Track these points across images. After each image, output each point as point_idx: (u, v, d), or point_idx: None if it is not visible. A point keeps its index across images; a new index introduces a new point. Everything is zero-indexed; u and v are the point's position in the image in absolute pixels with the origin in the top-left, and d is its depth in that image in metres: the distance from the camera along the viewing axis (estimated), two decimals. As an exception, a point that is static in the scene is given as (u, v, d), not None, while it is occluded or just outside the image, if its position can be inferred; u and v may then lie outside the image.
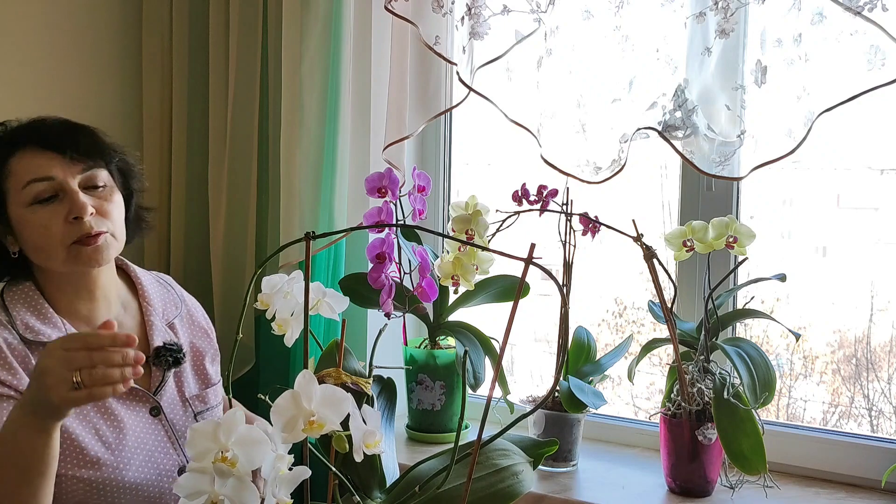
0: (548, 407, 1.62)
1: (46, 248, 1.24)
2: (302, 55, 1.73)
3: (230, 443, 0.88)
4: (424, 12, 1.64)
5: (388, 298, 1.57)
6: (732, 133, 1.46)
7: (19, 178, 1.24)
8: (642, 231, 1.50)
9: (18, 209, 1.25)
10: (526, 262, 0.88)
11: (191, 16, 1.94)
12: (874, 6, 1.28)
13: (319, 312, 1.17)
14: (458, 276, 1.58)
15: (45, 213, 1.23)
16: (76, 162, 1.25)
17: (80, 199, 1.23)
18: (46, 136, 1.26)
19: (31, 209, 1.24)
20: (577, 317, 1.70)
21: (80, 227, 1.23)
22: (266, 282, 1.12)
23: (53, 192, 1.24)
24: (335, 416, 0.90)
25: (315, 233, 0.97)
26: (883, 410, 1.74)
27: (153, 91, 1.99)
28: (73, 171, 1.25)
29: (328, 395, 0.90)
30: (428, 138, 2.00)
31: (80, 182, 1.26)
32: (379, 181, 1.65)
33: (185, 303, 1.46)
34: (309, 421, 0.88)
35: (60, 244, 1.23)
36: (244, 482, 0.88)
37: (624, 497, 1.51)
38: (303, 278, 1.02)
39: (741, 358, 1.46)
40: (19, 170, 1.25)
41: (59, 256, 1.24)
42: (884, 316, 1.72)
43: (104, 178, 1.29)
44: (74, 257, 1.24)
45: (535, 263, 0.89)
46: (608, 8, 1.54)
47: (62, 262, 1.25)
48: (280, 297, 1.10)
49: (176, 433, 1.32)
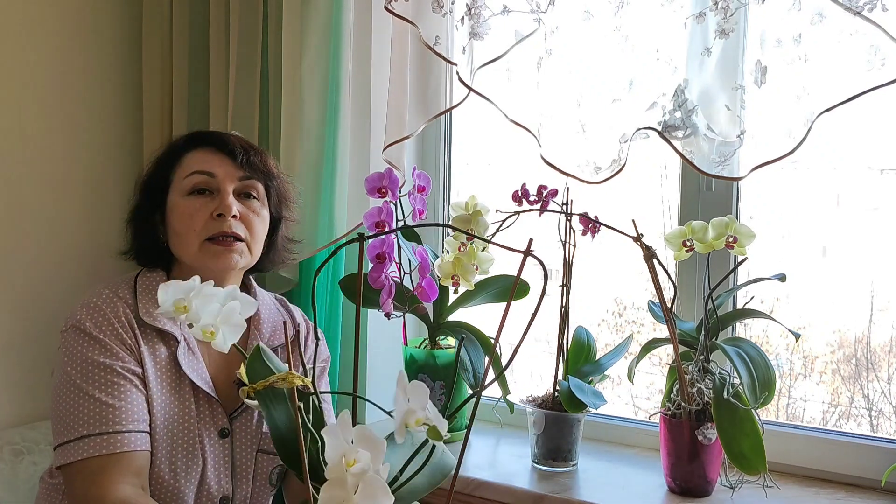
0: (548, 407, 1.62)
1: (185, 236, 1.31)
2: (302, 55, 1.73)
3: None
4: (424, 12, 1.64)
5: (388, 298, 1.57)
6: (732, 133, 1.46)
7: (186, 169, 1.34)
8: (642, 231, 1.50)
9: (176, 196, 1.34)
10: (525, 254, 0.89)
11: (191, 16, 1.94)
12: (874, 6, 1.28)
13: (211, 340, 1.00)
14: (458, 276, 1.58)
15: (196, 203, 1.32)
16: (239, 168, 1.35)
17: (228, 199, 1.32)
18: (223, 141, 1.36)
19: (185, 198, 1.33)
20: (577, 317, 1.69)
21: (219, 225, 1.30)
22: (175, 287, 0.99)
23: (209, 188, 1.33)
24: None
25: (366, 234, 0.97)
26: (883, 410, 1.74)
27: (153, 91, 1.99)
28: (233, 175, 1.34)
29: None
30: (428, 138, 2.00)
31: (237, 188, 1.35)
32: (379, 181, 1.65)
33: (299, 333, 1.45)
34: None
35: (197, 236, 1.31)
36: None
37: (624, 497, 1.51)
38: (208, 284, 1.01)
39: (741, 358, 1.46)
40: (189, 162, 1.35)
41: (192, 247, 1.31)
42: (884, 316, 1.72)
43: (259, 191, 1.38)
44: (205, 252, 1.31)
45: (533, 255, 0.89)
46: (608, 8, 1.54)
47: (194, 255, 1.32)
48: (204, 302, 0.99)
49: (234, 461, 1.33)
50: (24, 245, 1.81)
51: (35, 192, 1.83)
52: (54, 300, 1.83)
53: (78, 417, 1.21)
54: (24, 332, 1.80)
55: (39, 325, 1.80)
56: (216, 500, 1.31)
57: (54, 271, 1.86)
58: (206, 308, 0.95)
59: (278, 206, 1.43)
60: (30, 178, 1.83)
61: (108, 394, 1.23)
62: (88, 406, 1.22)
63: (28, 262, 1.82)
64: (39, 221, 1.85)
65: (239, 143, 1.38)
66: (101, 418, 1.21)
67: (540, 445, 1.64)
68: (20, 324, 1.80)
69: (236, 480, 1.33)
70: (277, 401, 0.97)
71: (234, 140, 1.38)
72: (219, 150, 1.36)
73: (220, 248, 1.31)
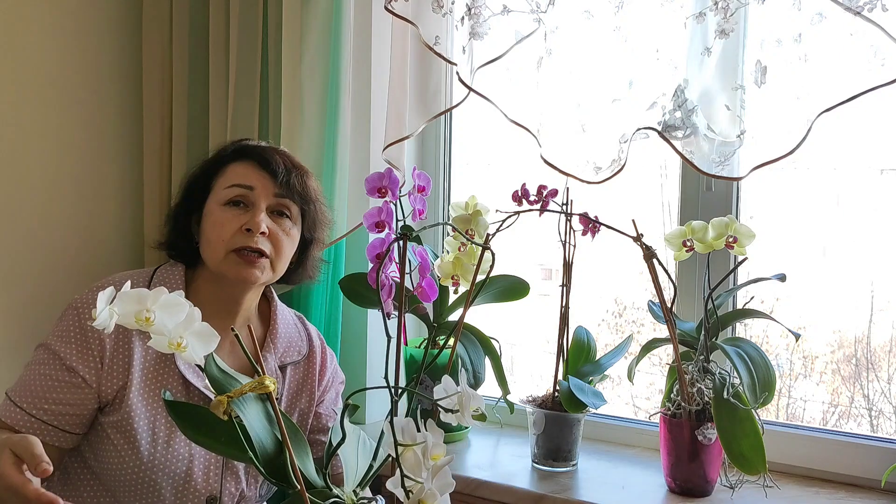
0: (548, 407, 1.62)
1: (213, 243, 1.34)
2: (302, 55, 1.73)
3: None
4: (424, 12, 1.64)
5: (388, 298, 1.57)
6: (732, 133, 1.46)
7: (227, 179, 1.38)
8: (642, 231, 1.50)
9: (213, 204, 1.37)
10: (483, 247, 0.89)
11: (191, 16, 1.94)
12: (874, 6, 1.28)
13: (181, 355, 0.91)
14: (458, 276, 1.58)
15: (229, 214, 1.35)
16: (277, 187, 1.37)
17: (260, 216, 1.34)
18: (268, 158, 1.39)
19: (222, 207, 1.36)
20: (577, 317, 1.69)
21: (247, 239, 1.33)
22: (128, 295, 0.88)
23: (245, 201, 1.36)
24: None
25: (412, 230, 0.98)
26: (883, 410, 1.74)
27: (153, 91, 1.99)
28: (270, 193, 1.37)
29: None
30: (428, 138, 2.00)
31: (271, 205, 1.37)
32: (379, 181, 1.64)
33: (314, 353, 1.48)
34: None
35: (225, 245, 1.33)
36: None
37: (624, 497, 1.51)
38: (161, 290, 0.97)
39: (741, 358, 1.46)
40: (230, 173, 1.38)
41: (218, 255, 1.34)
42: (884, 316, 1.72)
43: (293, 212, 1.40)
44: (229, 262, 1.34)
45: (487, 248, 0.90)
46: (608, 8, 1.54)
47: (218, 262, 1.34)
48: (167, 312, 0.89)
49: (226, 463, 1.35)
50: (23, 245, 1.81)
51: (35, 192, 1.83)
52: (54, 300, 1.83)
53: (25, 381, 1.30)
54: (24, 331, 1.80)
55: (39, 325, 1.80)
56: (202, 498, 1.32)
57: (54, 271, 1.86)
58: (171, 319, 0.88)
59: (312, 228, 1.45)
60: (30, 178, 1.83)
61: (52, 383, 1.29)
62: (33, 378, 1.30)
63: (28, 261, 1.82)
64: (39, 221, 1.85)
65: (283, 163, 1.40)
66: (33, 396, 1.28)
67: (540, 445, 1.64)
68: (20, 323, 1.79)
69: (225, 479, 1.34)
70: (249, 406, 0.96)
71: (280, 158, 1.40)
72: (261, 166, 1.38)
73: (244, 261, 1.34)
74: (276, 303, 1.48)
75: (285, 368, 1.43)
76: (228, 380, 0.95)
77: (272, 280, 1.40)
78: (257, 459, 0.94)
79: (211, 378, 0.93)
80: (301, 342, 1.47)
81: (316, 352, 1.49)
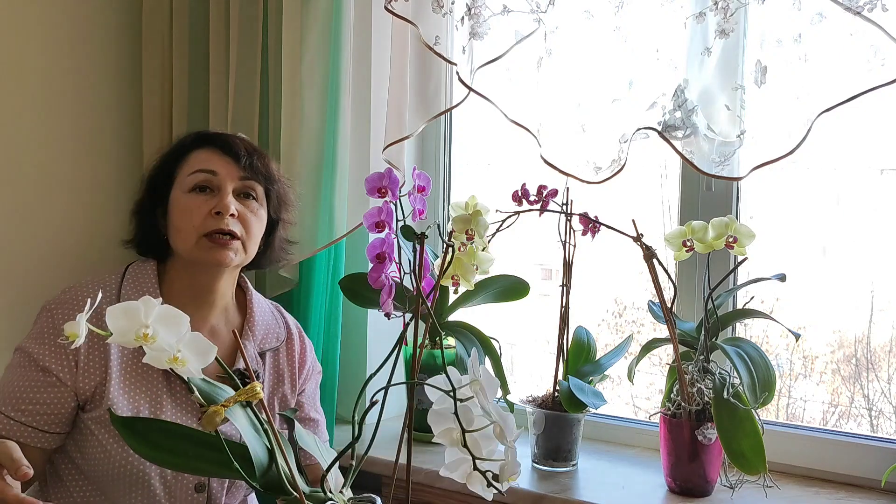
0: (548, 407, 1.62)
1: (183, 230, 1.35)
2: (302, 55, 1.73)
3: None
4: (424, 12, 1.64)
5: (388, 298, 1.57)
6: (732, 133, 1.46)
7: (190, 167, 1.39)
8: (642, 231, 1.50)
9: (178, 192, 1.38)
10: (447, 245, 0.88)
11: (191, 16, 1.94)
12: (874, 6, 1.28)
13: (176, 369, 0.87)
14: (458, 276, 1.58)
15: (196, 200, 1.36)
16: (241, 170, 1.39)
17: (228, 198, 1.35)
18: (228, 143, 1.40)
19: (187, 195, 1.37)
20: (577, 317, 1.70)
21: (217, 222, 1.34)
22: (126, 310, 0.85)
23: (210, 186, 1.37)
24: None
25: (426, 233, 0.97)
26: (883, 410, 1.74)
27: (153, 91, 1.99)
28: (235, 176, 1.38)
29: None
30: (428, 138, 2.00)
31: (237, 187, 1.38)
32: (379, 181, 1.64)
33: (292, 339, 1.49)
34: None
35: (195, 231, 1.34)
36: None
37: (624, 497, 1.51)
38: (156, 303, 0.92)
39: (741, 358, 1.46)
40: (193, 160, 1.39)
41: (190, 241, 1.35)
42: (884, 316, 1.72)
43: (259, 193, 1.41)
44: (202, 247, 1.35)
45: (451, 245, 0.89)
46: (608, 8, 1.54)
47: (190, 248, 1.35)
48: (169, 328, 0.86)
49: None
50: (24, 245, 1.81)
51: (35, 192, 1.83)
52: (54, 300, 1.83)
53: (2, 384, 1.31)
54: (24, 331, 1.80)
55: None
56: (190, 485, 1.32)
57: (54, 271, 1.86)
58: (171, 335, 0.85)
59: (277, 208, 1.46)
60: (29, 178, 1.83)
61: (28, 383, 1.29)
62: (10, 381, 1.31)
63: (28, 261, 1.82)
64: (39, 221, 1.85)
65: (244, 146, 1.41)
66: (11, 399, 1.29)
67: (540, 445, 1.64)
68: (21, 323, 1.79)
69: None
70: (238, 415, 0.92)
71: (239, 143, 1.42)
72: (223, 151, 1.39)
73: (216, 244, 1.34)
74: (252, 291, 1.49)
75: (264, 355, 1.44)
76: (214, 389, 0.91)
77: (245, 262, 1.41)
78: (247, 470, 0.91)
79: (197, 388, 0.90)
80: (279, 328, 1.48)
81: (294, 338, 1.50)
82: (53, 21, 1.86)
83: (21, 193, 1.81)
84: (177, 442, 0.94)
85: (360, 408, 0.98)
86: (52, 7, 1.86)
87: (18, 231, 1.81)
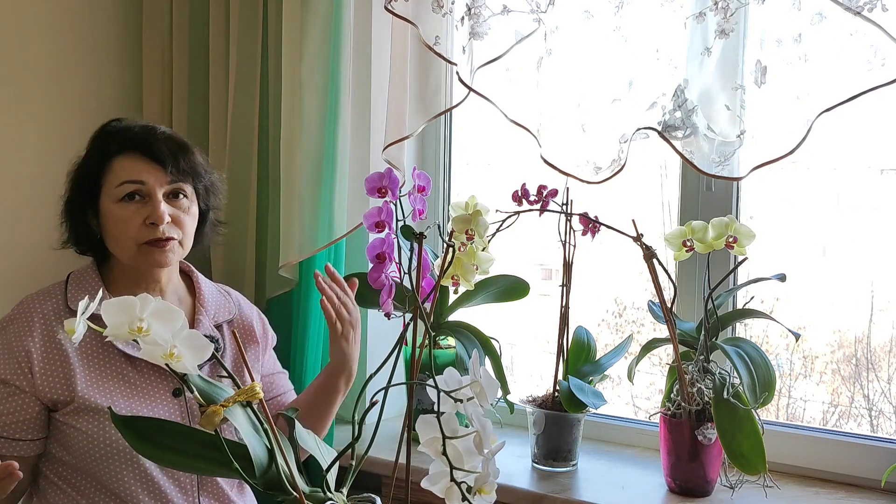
0: (548, 407, 1.62)
1: (121, 241, 1.38)
2: (302, 55, 1.73)
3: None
4: (424, 12, 1.64)
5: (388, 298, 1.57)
6: (732, 133, 1.46)
7: (117, 177, 1.38)
8: (642, 231, 1.50)
9: (108, 202, 1.39)
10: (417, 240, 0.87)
11: (191, 16, 1.94)
12: (874, 6, 1.28)
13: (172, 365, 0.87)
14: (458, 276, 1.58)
15: (128, 210, 1.37)
16: (168, 174, 1.39)
17: (160, 208, 1.37)
18: (152, 147, 1.39)
19: (118, 204, 1.38)
20: (577, 317, 1.70)
21: (153, 232, 1.37)
22: (120, 305, 0.85)
23: (140, 193, 1.38)
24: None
25: (425, 234, 0.97)
26: (883, 410, 1.74)
27: (153, 91, 1.99)
28: (163, 181, 1.39)
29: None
30: (428, 138, 2.00)
31: (166, 191, 1.39)
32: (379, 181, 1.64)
33: (242, 312, 1.54)
34: None
35: (133, 241, 1.37)
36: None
37: (624, 497, 1.51)
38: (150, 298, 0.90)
39: (741, 358, 1.46)
40: (119, 170, 1.39)
41: (129, 251, 1.38)
42: (884, 316, 1.72)
43: (188, 192, 1.43)
44: (142, 255, 1.38)
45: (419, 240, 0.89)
46: (608, 8, 1.54)
47: (130, 257, 1.39)
48: (162, 322, 0.85)
49: (191, 416, 1.38)
50: (23, 244, 1.81)
51: (35, 192, 1.83)
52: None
53: None
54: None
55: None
56: None
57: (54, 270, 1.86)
58: (166, 330, 0.85)
59: (207, 199, 1.48)
60: (29, 178, 1.82)
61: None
62: None
63: (27, 261, 1.81)
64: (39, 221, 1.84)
65: (167, 148, 1.40)
66: None
67: (540, 445, 1.64)
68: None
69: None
70: (238, 415, 0.91)
71: (163, 144, 1.41)
72: (150, 158, 1.39)
73: (156, 250, 1.38)
74: (196, 273, 1.53)
75: (221, 327, 1.48)
76: (213, 389, 0.90)
77: (183, 255, 1.44)
78: (249, 469, 0.90)
79: (197, 388, 0.89)
80: (229, 303, 1.52)
81: (244, 308, 1.55)
82: (53, 20, 1.86)
83: (20, 194, 1.81)
84: (177, 440, 0.94)
85: (360, 408, 0.99)
86: (53, 7, 1.86)
87: (17, 230, 1.81)
